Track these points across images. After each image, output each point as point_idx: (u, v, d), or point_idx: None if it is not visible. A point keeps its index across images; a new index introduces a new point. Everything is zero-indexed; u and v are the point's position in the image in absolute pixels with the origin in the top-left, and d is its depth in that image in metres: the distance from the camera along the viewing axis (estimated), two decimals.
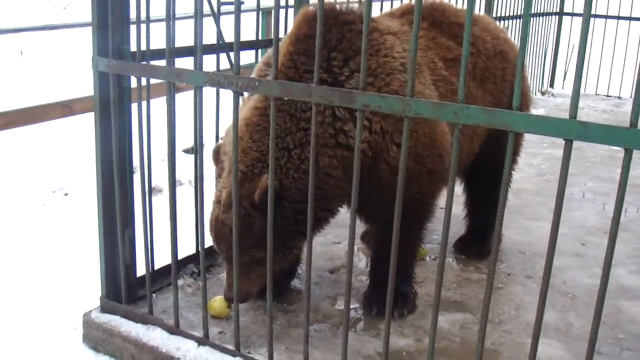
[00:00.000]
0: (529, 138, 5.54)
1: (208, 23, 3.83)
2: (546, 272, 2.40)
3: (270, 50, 3.49)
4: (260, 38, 4.62)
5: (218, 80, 3.01)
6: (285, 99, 2.97)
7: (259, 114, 3.34)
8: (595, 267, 4.59)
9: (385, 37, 3.55)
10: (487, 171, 4.57)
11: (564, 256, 4.78)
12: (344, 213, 3.62)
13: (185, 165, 5.69)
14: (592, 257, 4.79)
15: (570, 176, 6.85)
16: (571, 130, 2.22)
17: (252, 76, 3.35)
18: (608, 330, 3.93)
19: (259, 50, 4.61)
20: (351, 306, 3.64)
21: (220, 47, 4.14)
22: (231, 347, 3.41)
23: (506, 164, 2.39)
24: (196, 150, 3.28)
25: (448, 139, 3.62)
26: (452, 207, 2.55)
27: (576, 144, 2.28)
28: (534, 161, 7.31)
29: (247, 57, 4.73)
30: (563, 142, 2.27)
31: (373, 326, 3.78)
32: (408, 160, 3.41)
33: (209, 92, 3.41)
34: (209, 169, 3.65)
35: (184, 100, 4.52)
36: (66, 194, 6.69)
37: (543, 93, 11.10)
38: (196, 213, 3.72)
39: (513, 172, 4.91)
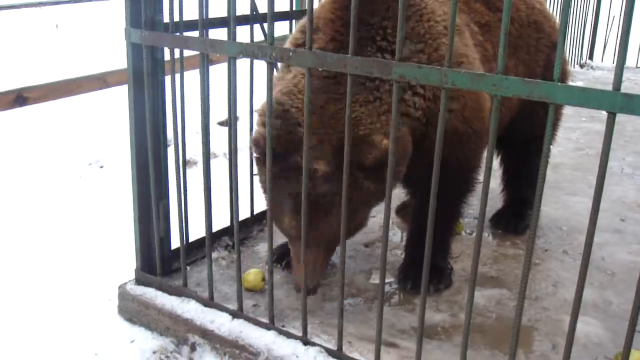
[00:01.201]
0: (566, 112, 5.42)
1: None
2: (586, 249, 2.34)
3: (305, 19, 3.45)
4: (294, 9, 4.57)
5: (252, 51, 2.97)
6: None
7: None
8: (634, 244, 4.51)
9: (426, 1, 3.49)
10: (523, 145, 4.50)
11: (603, 232, 4.69)
12: None
13: (219, 137, 5.67)
14: (631, 233, 4.69)
15: (611, 151, 6.73)
16: (614, 102, 2.15)
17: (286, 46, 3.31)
18: None
19: (293, 21, 4.55)
20: (386, 280, 3.62)
21: (254, 18, 4.11)
22: (265, 320, 3.40)
23: (546, 137, 2.32)
24: (230, 122, 3.25)
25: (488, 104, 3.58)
26: (490, 180, 2.49)
27: (616, 117, 2.21)
28: (572, 135, 7.17)
29: (281, 28, 4.67)
30: (602, 115, 2.20)
31: (408, 301, 3.75)
32: (456, 123, 3.39)
33: (243, 64, 3.38)
34: (243, 141, 3.63)
35: (218, 72, 4.49)
36: (102, 167, 6.75)
37: (582, 66, 10.90)
38: (230, 185, 3.70)
39: (551, 147, 4.81)
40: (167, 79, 3.54)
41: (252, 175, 4.22)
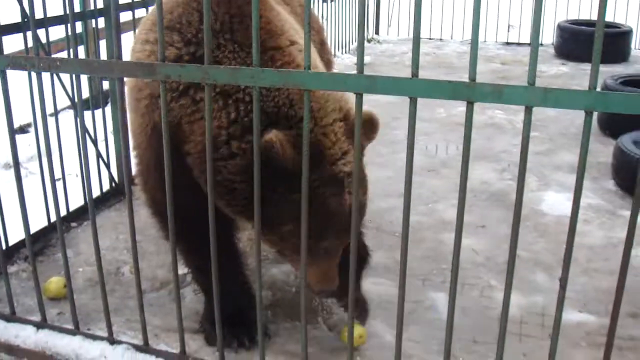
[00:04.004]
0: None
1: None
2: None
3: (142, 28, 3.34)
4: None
5: (19, 62, 2.94)
6: None
7: None
8: (419, 205, 4.91)
9: None
10: None
11: (390, 198, 5.06)
12: None
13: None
14: (416, 196, 5.06)
15: (395, 120, 7.20)
16: (359, 84, 2.37)
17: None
18: (432, 262, 4.25)
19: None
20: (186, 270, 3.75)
21: (25, 25, 4.01)
22: (71, 326, 3.41)
23: (305, 122, 2.51)
24: (11, 135, 3.18)
25: None
26: None
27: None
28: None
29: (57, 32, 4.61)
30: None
31: None
32: None
33: None
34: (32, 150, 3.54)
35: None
36: None
37: (369, 41, 11.47)
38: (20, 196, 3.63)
39: None
40: None
41: (53, 181, 4.14)
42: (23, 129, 7.07)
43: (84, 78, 5.32)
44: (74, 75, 2.83)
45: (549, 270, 4.16)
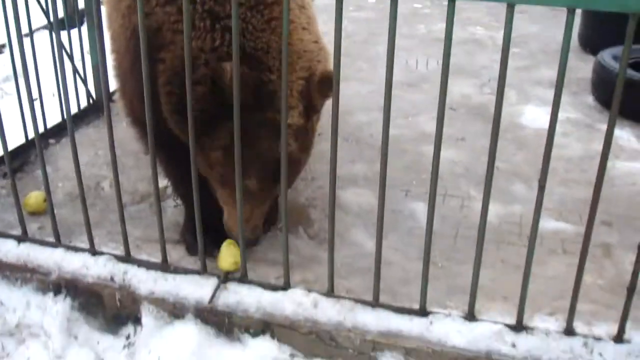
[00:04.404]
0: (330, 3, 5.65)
1: None
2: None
3: None
4: None
5: None
6: None
7: None
8: (398, 118, 4.89)
9: None
10: None
11: (371, 111, 5.04)
12: None
13: None
14: (396, 109, 5.06)
15: (375, 36, 7.14)
16: None
17: None
18: (413, 173, 4.28)
19: None
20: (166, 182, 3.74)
21: None
22: (52, 239, 3.42)
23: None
24: None
25: None
26: None
27: (381, 5, 2.40)
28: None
29: None
30: (367, 4, 2.36)
31: None
32: None
33: None
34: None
35: None
36: None
37: None
38: None
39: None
40: None
41: (30, 98, 4.08)
42: None
43: None
44: None
45: (527, 181, 4.20)
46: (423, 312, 2.90)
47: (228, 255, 3.18)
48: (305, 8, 3.20)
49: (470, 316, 2.86)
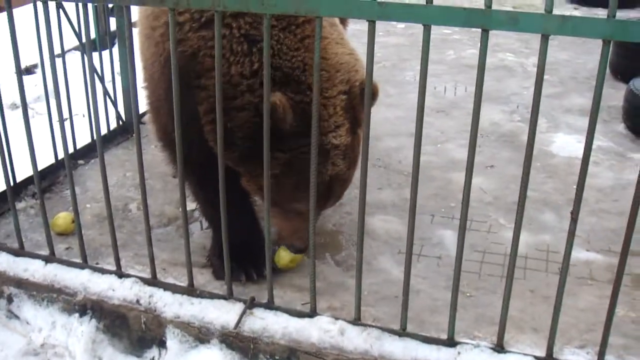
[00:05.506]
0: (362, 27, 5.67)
1: None
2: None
3: None
4: None
5: None
6: None
7: None
8: (428, 145, 4.87)
9: None
10: None
11: (400, 137, 5.03)
12: None
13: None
14: (425, 136, 5.03)
15: (404, 61, 7.15)
16: (372, 11, 2.32)
17: None
18: (441, 200, 4.24)
19: None
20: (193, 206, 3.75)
21: None
22: (79, 260, 3.42)
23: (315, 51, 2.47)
24: (19, 73, 3.15)
25: None
26: None
27: (410, 30, 2.39)
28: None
29: None
30: (397, 29, 2.36)
31: None
32: None
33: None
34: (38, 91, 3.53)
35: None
36: None
37: None
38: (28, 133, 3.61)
39: None
40: None
41: (61, 117, 4.11)
42: (29, 70, 7.03)
43: (91, 16, 5.26)
44: (80, 5, 2.75)
45: (557, 210, 4.14)
46: (451, 342, 2.85)
47: (286, 253, 3.33)
48: (336, 25, 3.22)
49: (500, 347, 2.81)
